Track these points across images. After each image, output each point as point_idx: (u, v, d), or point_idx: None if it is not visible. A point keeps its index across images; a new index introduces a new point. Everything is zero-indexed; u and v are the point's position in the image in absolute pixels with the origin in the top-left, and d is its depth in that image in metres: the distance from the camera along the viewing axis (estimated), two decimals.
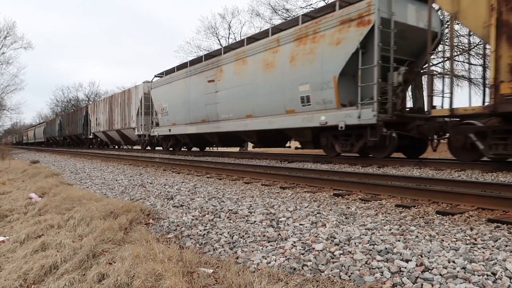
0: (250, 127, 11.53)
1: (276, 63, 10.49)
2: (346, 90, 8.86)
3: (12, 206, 5.35)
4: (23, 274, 2.76)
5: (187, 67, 14.96)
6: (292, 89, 9.99)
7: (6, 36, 33.52)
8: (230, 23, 33.74)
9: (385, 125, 8.10)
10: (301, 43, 9.79)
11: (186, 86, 14.73)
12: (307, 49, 9.60)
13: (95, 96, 61.88)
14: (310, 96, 9.54)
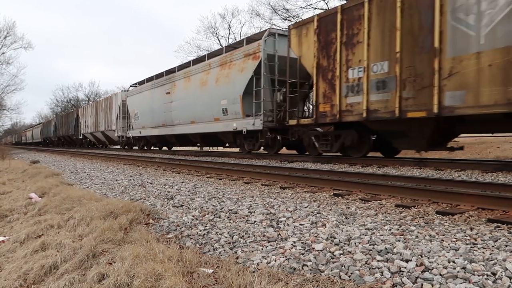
0: (194, 131, 15.05)
1: (208, 82, 13.87)
2: (248, 105, 12.02)
3: (12, 206, 5.35)
4: (23, 274, 2.76)
5: (153, 80, 18.47)
6: (217, 103, 13.23)
7: (6, 36, 33.59)
8: (230, 23, 33.85)
9: (270, 131, 11.48)
10: (223, 68, 13.18)
11: (152, 96, 18.30)
12: (225, 73, 12.99)
13: (95, 96, 61.98)
14: (228, 108, 12.82)
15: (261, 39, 11.45)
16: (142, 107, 19.24)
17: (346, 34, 8.71)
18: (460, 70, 6.63)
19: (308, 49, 9.73)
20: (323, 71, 9.33)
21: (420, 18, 7.19)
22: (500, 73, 6.05)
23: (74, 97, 67.22)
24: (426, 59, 7.07)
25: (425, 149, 8.06)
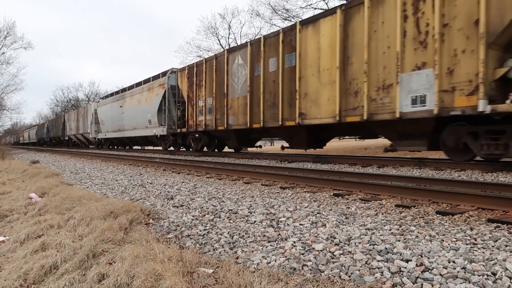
0: (135, 134, 20.79)
1: (141, 101, 19.79)
2: (161, 118, 17.46)
3: (12, 206, 5.35)
4: (23, 274, 2.76)
5: (113, 96, 24.69)
6: (146, 115, 19.00)
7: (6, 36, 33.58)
8: (230, 23, 33.80)
9: (172, 135, 17.00)
10: (149, 92, 18.96)
11: (111, 108, 24.08)
12: (150, 95, 18.73)
13: (95, 96, 61.99)
14: (151, 120, 18.47)
15: (167, 75, 17.20)
16: (106, 116, 25.07)
17: (198, 79, 14.69)
18: (233, 105, 12.67)
19: (183, 85, 15.86)
20: (189, 100, 15.28)
21: (221, 76, 13.20)
22: (244, 107, 12.04)
23: (74, 97, 67.29)
24: (223, 99, 13.08)
25: (236, 147, 14.66)
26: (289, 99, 10.20)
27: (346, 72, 8.72)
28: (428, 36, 7.19)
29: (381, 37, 8.01)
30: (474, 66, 6.49)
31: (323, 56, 9.27)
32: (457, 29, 6.79)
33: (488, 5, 6.31)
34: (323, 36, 9.27)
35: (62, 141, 37.61)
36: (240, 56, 12.24)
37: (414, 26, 7.43)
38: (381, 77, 8.00)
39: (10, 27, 34.66)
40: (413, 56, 7.44)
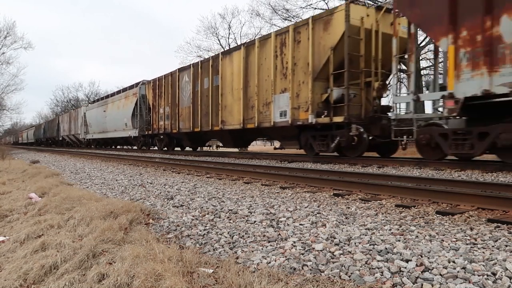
0: (115, 136, 24.21)
1: (120, 106, 23.12)
2: (134, 121, 20.82)
3: (12, 206, 5.35)
4: (23, 274, 2.76)
5: (99, 101, 28.78)
6: (123, 119, 22.29)
7: (6, 36, 33.57)
8: (230, 23, 33.84)
9: (142, 136, 20.54)
10: (125, 99, 22.41)
11: (97, 112, 27.49)
12: (126, 102, 22.03)
13: (95, 96, 62.02)
14: (127, 123, 21.60)
15: (139, 86, 20.98)
16: (92, 119, 28.39)
17: (159, 91, 18.28)
18: (182, 113, 16.07)
19: (149, 95, 19.52)
20: (153, 107, 18.93)
21: (175, 90, 16.73)
22: (188, 115, 15.17)
23: (74, 97, 67.31)
24: (176, 108, 16.51)
25: (190, 146, 18.59)
26: (216, 110, 13.76)
27: (247, 92, 12.22)
28: (287, 70, 10.63)
29: (264, 68, 11.51)
30: (307, 93, 9.87)
31: (234, 79, 12.77)
32: (300, 67, 10.23)
33: (313, 53, 9.81)
34: (235, 64, 12.79)
35: (57, 141, 40.96)
36: (187, 75, 15.77)
37: (280, 63, 10.92)
38: (264, 96, 11.48)
39: (10, 27, 34.66)
40: (280, 83, 10.90)
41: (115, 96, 24.48)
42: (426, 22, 7.36)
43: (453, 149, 7.27)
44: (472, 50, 6.56)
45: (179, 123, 16.27)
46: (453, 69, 6.81)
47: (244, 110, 12.20)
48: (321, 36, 9.62)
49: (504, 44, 6.11)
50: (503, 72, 6.15)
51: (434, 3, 7.05)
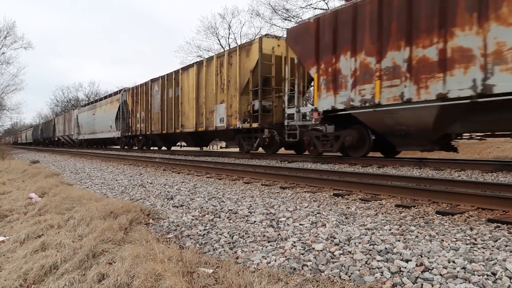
0: (103, 136, 26.51)
1: (106, 110, 25.30)
2: (118, 124, 23.07)
3: (12, 206, 5.35)
4: (23, 274, 2.76)
5: (89, 105, 31.09)
6: (108, 121, 24.55)
7: (6, 36, 33.58)
8: (230, 23, 33.84)
9: (124, 137, 22.90)
10: (110, 104, 24.69)
11: (87, 115, 29.70)
12: (111, 106, 24.36)
13: (95, 96, 62.05)
14: (111, 125, 24.02)
15: (119, 94, 23.86)
16: (83, 121, 30.66)
17: (137, 98, 20.91)
18: (153, 118, 18.90)
19: (129, 101, 22.14)
20: (132, 112, 21.61)
21: (148, 97, 19.42)
22: (158, 119, 18.24)
23: (74, 97, 67.30)
24: (149, 113, 19.27)
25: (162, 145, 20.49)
26: (177, 115, 16.59)
27: (198, 101, 15.07)
28: (224, 86, 13.36)
29: (210, 83, 14.32)
30: (236, 104, 12.63)
31: (190, 91, 15.65)
32: (232, 84, 13.01)
33: (239, 73, 12.51)
34: (190, 79, 15.60)
35: (53, 141, 43.51)
36: (157, 85, 18.65)
37: (220, 79, 13.69)
38: (209, 106, 14.30)
39: (10, 27, 34.70)
40: (220, 95, 13.64)
41: (103, 101, 27.32)
42: (303, 56, 9.93)
43: (321, 147, 9.94)
44: (326, 78, 9.18)
45: (152, 126, 19.22)
46: (316, 90, 9.51)
47: (196, 116, 15.10)
48: (244, 61, 12.49)
49: (342, 75, 8.81)
50: (341, 94, 8.83)
51: (307, 44, 9.64)
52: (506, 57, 5.95)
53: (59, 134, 39.10)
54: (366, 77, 8.19)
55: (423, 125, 7.35)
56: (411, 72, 7.30)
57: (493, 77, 6.12)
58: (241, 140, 13.17)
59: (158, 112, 18.26)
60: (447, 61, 6.74)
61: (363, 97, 8.24)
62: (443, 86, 6.80)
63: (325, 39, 9.14)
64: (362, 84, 8.25)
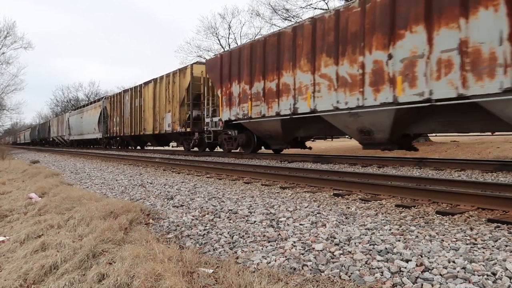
0: (89, 137, 29.32)
1: (91, 114, 28.43)
2: (100, 126, 26.35)
3: (12, 206, 5.35)
4: (23, 274, 2.76)
5: (78, 109, 34.72)
6: (93, 125, 27.68)
7: (6, 36, 33.61)
8: (230, 23, 33.82)
9: (105, 138, 26.60)
10: (94, 109, 28.04)
11: (76, 118, 32.91)
12: (95, 111, 27.53)
13: (95, 96, 62.11)
14: (95, 128, 27.21)
15: (100, 101, 27.33)
16: (73, 123, 33.73)
17: (113, 106, 24.30)
18: (125, 122, 22.49)
19: (108, 107, 25.38)
20: (110, 117, 24.77)
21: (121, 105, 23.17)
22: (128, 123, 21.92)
23: (74, 97, 67.32)
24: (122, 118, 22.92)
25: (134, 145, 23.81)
26: (141, 121, 20.32)
27: (154, 110, 18.61)
28: (171, 99, 16.80)
29: (162, 96, 17.91)
30: (177, 113, 16.09)
31: (149, 101, 19.27)
32: (175, 98, 16.44)
33: (179, 90, 16.12)
34: (149, 92, 19.37)
35: (48, 141, 47.07)
36: (127, 95, 22.46)
37: (168, 94, 17.17)
38: (161, 114, 17.85)
39: (10, 27, 34.78)
40: (168, 106, 17.14)
41: (88, 106, 31.35)
42: (213, 81, 13.57)
43: (228, 146, 13.56)
44: (225, 97, 12.65)
45: (124, 129, 22.78)
46: (220, 106, 13.04)
47: (153, 122, 18.79)
48: (182, 81, 16.21)
49: (233, 96, 12.26)
50: (233, 109, 12.30)
51: (215, 72, 13.23)
52: (302, 91, 9.61)
53: (53, 134, 42.62)
54: (244, 98, 11.78)
55: (276, 131, 11.05)
56: (265, 97, 10.92)
57: (298, 103, 9.74)
58: (183, 141, 17.10)
59: (128, 117, 22.17)
60: (280, 91, 10.34)
61: (243, 112, 11.84)
62: (278, 107, 10.39)
63: (225, 70, 12.69)
64: (243, 103, 11.85)
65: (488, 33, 5.91)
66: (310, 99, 9.28)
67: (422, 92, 6.84)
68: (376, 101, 7.65)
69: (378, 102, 7.62)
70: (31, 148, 40.95)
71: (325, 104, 8.85)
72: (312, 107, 9.20)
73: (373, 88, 7.71)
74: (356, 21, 8.01)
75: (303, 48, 9.50)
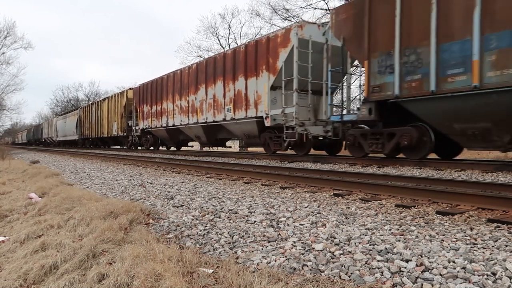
0: (71, 138, 35.43)
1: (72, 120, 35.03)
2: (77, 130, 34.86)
3: (12, 206, 5.35)
4: (23, 274, 2.76)
5: (63, 115, 40.40)
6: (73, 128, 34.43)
7: (6, 36, 33.62)
8: (230, 23, 33.82)
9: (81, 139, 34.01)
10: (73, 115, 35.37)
11: (62, 122, 38.93)
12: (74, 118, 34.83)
13: (95, 96, 62.24)
14: (74, 131, 34.20)
15: (77, 110, 34.14)
16: (59, 127, 39.63)
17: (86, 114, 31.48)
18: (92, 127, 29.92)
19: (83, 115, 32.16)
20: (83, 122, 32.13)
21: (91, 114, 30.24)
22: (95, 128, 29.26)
23: (74, 97, 67.36)
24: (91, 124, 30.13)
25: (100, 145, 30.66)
26: (101, 127, 26.86)
27: (108, 119, 25.42)
28: (116, 111, 24.41)
29: (112, 109, 24.93)
30: (120, 123, 23.90)
31: (105, 113, 26.08)
32: (118, 111, 24.01)
33: (120, 106, 23.83)
34: (105, 105, 26.20)
35: (41, 141, 52.74)
36: (94, 107, 29.12)
37: (115, 108, 24.50)
38: (111, 122, 24.91)
39: (10, 27, 34.79)
40: (114, 117, 24.17)
41: (70, 113, 37.76)
42: (136, 102, 21.76)
43: (145, 145, 21.49)
44: (141, 113, 20.90)
45: (92, 132, 29.42)
46: (139, 119, 21.20)
47: (107, 128, 25.82)
48: (121, 100, 23.57)
49: (145, 113, 20.55)
50: (145, 122, 20.37)
51: (136, 97, 21.33)
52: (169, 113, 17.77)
53: (45, 136, 49.01)
54: (149, 115, 19.87)
55: (166, 136, 18.67)
56: (157, 115, 19.00)
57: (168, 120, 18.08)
58: (124, 142, 24.18)
59: (94, 124, 28.88)
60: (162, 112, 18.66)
61: (149, 124, 19.79)
62: (162, 122, 18.49)
63: (141, 96, 20.80)
64: (148, 118, 19.94)
65: (221, 91, 13.84)
66: (173, 118, 17.35)
67: (206, 117, 14.90)
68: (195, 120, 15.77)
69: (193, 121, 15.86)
70: (31, 148, 41.09)
71: (177, 121, 17.09)
72: (174, 123, 17.30)
73: (191, 114, 15.94)
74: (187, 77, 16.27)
75: (168, 89, 17.89)
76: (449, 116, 6.96)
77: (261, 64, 11.58)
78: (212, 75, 14.27)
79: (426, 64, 7.03)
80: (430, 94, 6.93)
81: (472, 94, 6.38)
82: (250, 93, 12.13)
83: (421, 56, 7.11)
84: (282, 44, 10.85)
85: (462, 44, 6.50)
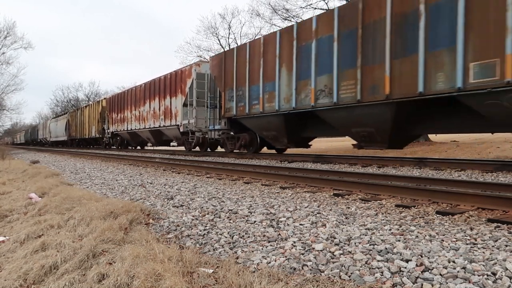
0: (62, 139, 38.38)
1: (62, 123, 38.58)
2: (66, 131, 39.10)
3: (12, 206, 5.35)
4: (23, 274, 2.76)
5: (55, 118, 44.63)
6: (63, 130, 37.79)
7: (6, 36, 33.65)
8: (230, 23, 33.85)
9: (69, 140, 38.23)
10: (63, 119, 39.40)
11: (54, 124, 41.82)
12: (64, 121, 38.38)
13: (95, 96, 62.31)
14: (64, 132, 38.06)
15: (66, 114, 38.37)
16: (52, 128, 42.52)
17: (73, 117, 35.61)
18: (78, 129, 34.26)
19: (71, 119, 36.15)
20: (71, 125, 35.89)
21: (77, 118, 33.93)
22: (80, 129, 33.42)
23: (74, 97, 67.41)
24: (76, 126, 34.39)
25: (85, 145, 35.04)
26: (83, 129, 31.00)
27: (89, 123, 29.68)
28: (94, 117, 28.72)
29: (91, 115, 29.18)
30: (97, 126, 27.97)
31: (86, 117, 30.41)
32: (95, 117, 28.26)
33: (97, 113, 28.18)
34: (86, 111, 30.47)
35: (37, 141, 55.92)
36: (79, 112, 32.36)
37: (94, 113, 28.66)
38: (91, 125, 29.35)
39: (10, 27, 34.91)
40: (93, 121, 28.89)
41: (61, 116, 41.02)
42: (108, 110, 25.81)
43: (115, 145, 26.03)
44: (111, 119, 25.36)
45: (77, 133, 32.71)
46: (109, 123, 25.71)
47: (88, 130, 29.58)
48: (98, 107, 27.49)
49: (113, 119, 24.82)
50: (114, 126, 24.87)
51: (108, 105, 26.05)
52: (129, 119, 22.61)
53: (40, 136, 52.15)
54: (116, 120, 23.84)
55: (130, 137, 23.08)
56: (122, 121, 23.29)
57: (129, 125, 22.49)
58: (100, 142, 27.90)
59: (79, 126, 32.28)
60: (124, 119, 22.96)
61: (117, 128, 23.74)
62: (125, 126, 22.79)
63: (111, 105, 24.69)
64: (116, 123, 23.86)
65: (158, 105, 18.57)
66: (131, 123, 21.71)
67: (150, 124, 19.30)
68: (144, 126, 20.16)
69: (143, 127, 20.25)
70: (31, 148, 41.27)
71: (134, 126, 21.36)
72: (132, 128, 21.64)
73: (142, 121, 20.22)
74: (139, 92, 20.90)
75: (128, 101, 22.23)
76: (260, 127, 11.66)
77: (178, 88, 16.71)
78: (153, 93, 19.46)
79: (245, 97, 11.71)
80: (246, 115, 11.71)
81: (260, 116, 11.20)
82: (173, 108, 17.18)
83: (243, 92, 11.82)
84: (188, 75, 15.84)
85: (257, 87, 11.19)
